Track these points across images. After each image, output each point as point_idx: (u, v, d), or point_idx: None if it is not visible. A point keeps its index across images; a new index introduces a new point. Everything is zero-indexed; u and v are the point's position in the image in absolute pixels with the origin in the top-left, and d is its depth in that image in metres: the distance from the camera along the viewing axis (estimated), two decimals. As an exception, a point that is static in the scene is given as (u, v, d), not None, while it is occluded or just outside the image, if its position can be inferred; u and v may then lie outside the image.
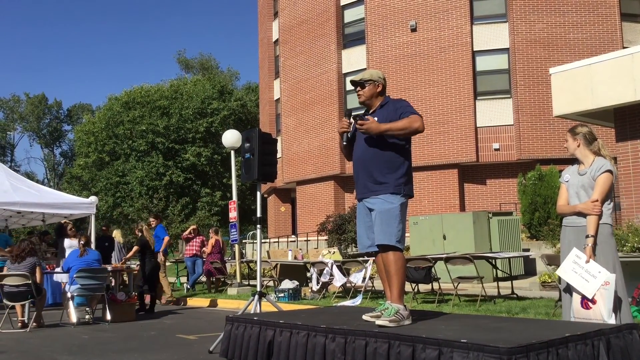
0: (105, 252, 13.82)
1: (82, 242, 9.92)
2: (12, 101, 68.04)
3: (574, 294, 4.61)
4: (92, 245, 12.13)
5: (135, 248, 11.50)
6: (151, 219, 13.59)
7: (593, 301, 4.47)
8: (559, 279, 4.91)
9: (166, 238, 12.92)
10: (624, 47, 18.88)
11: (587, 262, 4.53)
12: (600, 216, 4.63)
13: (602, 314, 4.41)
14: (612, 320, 4.39)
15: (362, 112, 4.87)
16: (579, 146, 4.87)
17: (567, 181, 4.95)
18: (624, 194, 11.76)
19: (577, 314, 4.56)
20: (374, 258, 11.16)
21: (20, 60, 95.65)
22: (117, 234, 15.98)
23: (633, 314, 6.59)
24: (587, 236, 4.61)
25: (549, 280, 11.79)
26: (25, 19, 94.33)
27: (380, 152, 4.57)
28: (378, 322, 4.30)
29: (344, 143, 4.80)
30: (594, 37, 21.22)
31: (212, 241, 14.99)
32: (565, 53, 20.67)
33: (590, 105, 11.51)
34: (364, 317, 4.56)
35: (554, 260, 8.18)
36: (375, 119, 4.65)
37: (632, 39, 21.22)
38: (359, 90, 4.80)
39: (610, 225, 4.73)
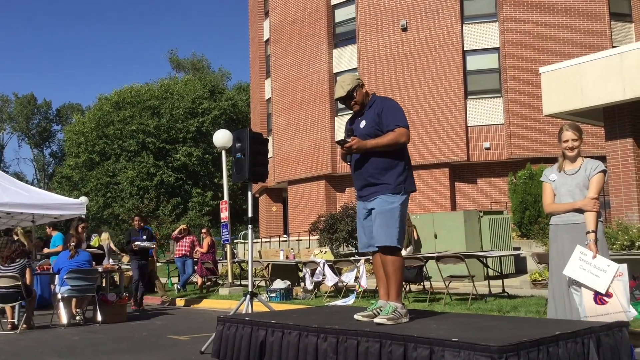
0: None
1: (72, 243, 9.86)
2: (0, 101, 67.59)
3: (584, 292, 4.55)
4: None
5: None
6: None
7: (608, 295, 4.46)
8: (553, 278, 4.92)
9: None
10: (613, 47, 19.00)
11: (594, 257, 4.55)
12: (598, 213, 4.70)
13: (622, 304, 4.40)
14: (633, 310, 4.40)
15: (350, 128, 4.80)
16: (579, 145, 4.90)
17: (553, 181, 4.97)
18: (614, 193, 11.83)
19: (591, 312, 4.49)
20: (366, 258, 11.17)
21: (9, 60, 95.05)
22: (105, 237, 15.93)
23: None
24: (587, 232, 4.64)
25: (540, 279, 11.84)
26: (13, 19, 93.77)
27: (376, 151, 4.55)
28: (376, 320, 4.32)
29: (347, 163, 4.80)
30: (583, 37, 21.34)
31: (207, 240, 14.96)
32: (555, 52, 20.77)
33: (579, 105, 11.56)
34: (356, 316, 4.56)
35: (544, 259, 8.21)
36: (364, 122, 4.68)
37: (622, 38, 21.36)
38: (350, 102, 4.76)
39: (603, 223, 4.80)
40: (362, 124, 4.70)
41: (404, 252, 12.63)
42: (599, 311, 4.49)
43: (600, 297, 4.51)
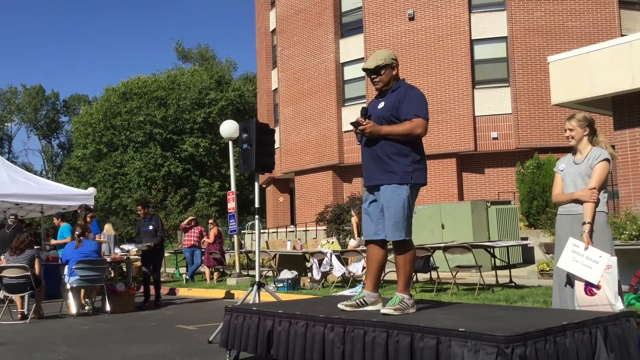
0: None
1: (77, 232, 9.91)
2: (9, 92, 67.83)
3: (576, 282, 4.58)
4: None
5: None
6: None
7: (597, 287, 4.46)
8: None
9: (97, 235, 12.40)
10: (622, 35, 18.83)
11: (586, 248, 4.53)
12: (597, 204, 4.64)
13: (609, 297, 4.39)
14: (619, 304, 4.38)
15: (364, 107, 4.73)
16: (586, 135, 4.85)
17: (562, 170, 4.95)
18: (622, 182, 11.77)
19: (582, 302, 4.52)
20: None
21: (17, 51, 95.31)
22: (108, 228, 16.00)
23: (631, 302, 6.62)
24: (584, 223, 4.61)
25: (547, 269, 11.82)
26: (20, 9, 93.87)
27: (390, 139, 4.44)
28: (383, 310, 4.32)
29: (358, 143, 4.65)
30: (592, 25, 21.16)
31: (214, 231, 15.00)
32: (564, 41, 20.62)
33: (588, 94, 11.47)
34: (339, 305, 4.56)
35: (551, 249, 8.21)
36: (382, 103, 4.56)
37: (631, 26, 21.16)
38: (374, 78, 4.60)
39: (606, 214, 4.75)
40: (380, 105, 4.57)
41: (353, 243, 12.81)
42: (588, 302, 4.50)
43: (589, 289, 4.51)
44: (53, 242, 13.32)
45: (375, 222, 4.55)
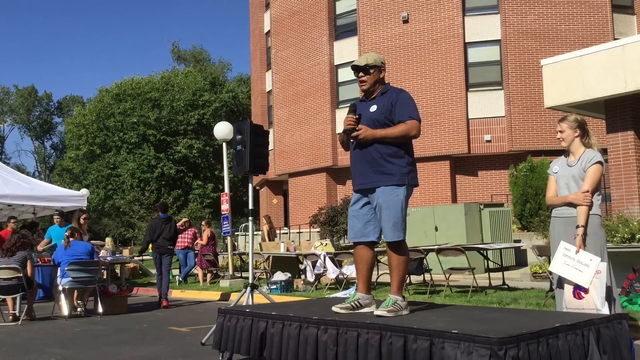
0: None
1: (67, 233, 9.86)
2: (1, 93, 67.56)
3: (566, 285, 4.62)
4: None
5: None
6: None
7: (586, 291, 4.48)
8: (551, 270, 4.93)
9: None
10: (614, 39, 18.93)
11: (577, 252, 4.54)
12: (590, 207, 4.65)
13: (595, 302, 4.42)
14: (605, 309, 4.40)
15: (353, 103, 4.74)
16: (577, 137, 4.86)
17: (555, 173, 4.95)
18: (614, 185, 11.82)
19: (570, 304, 4.57)
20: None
21: (8, 51, 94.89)
22: (109, 242, 16.01)
23: (622, 304, 6.65)
24: (577, 226, 4.62)
25: (540, 271, 11.85)
26: (12, 10, 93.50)
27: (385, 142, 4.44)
28: (376, 312, 4.32)
29: (352, 141, 4.58)
30: (585, 29, 21.27)
31: (207, 232, 14.96)
32: (557, 44, 20.71)
33: (581, 97, 11.54)
34: (334, 308, 4.56)
35: (544, 251, 8.23)
36: (375, 107, 4.56)
37: (623, 30, 21.29)
38: (361, 76, 4.60)
39: (600, 216, 4.76)
40: (373, 108, 4.56)
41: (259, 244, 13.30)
42: (575, 305, 4.52)
43: (578, 292, 4.53)
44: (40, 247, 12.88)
45: (365, 224, 4.54)
